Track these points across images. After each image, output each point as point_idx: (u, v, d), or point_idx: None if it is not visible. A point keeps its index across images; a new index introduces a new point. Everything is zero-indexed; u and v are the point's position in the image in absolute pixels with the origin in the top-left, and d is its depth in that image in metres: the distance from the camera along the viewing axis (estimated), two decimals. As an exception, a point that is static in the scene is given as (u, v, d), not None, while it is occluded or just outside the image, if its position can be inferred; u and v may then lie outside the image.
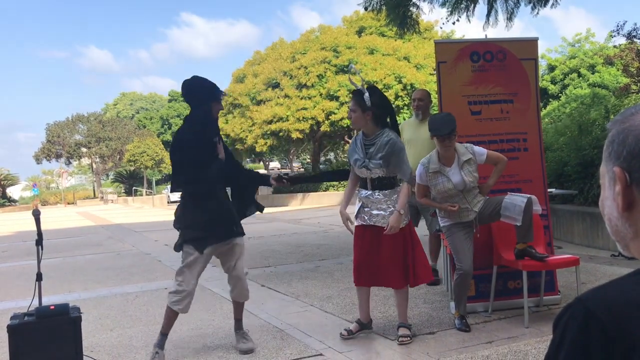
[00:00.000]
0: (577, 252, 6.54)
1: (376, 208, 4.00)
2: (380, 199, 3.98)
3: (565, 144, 9.09)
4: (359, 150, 4.03)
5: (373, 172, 3.96)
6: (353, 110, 4.00)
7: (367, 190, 4.03)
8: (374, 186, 4.00)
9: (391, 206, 3.96)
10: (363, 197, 4.06)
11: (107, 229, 16.21)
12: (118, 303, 5.80)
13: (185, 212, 3.95)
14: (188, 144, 3.85)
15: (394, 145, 3.91)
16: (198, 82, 3.95)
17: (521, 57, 4.95)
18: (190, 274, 3.90)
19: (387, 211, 3.97)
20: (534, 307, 4.65)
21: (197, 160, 3.83)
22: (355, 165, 4.04)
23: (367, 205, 4.04)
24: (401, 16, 9.91)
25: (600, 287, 0.84)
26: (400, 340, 3.92)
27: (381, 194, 3.98)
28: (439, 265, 5.76)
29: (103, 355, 4.06)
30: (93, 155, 49.53)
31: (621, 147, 0.86)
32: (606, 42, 21.99)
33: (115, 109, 63.09)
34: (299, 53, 24.73)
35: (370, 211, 4.02)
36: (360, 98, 3.96)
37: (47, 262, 6.43)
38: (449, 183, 4.20)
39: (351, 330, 4.14)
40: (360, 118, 3.97)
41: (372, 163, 3.93)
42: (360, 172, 4.04)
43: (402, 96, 21.81)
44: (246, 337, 4.09)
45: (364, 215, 4.05)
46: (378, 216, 3.99)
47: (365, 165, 3.96)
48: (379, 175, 3.97)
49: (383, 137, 3.95)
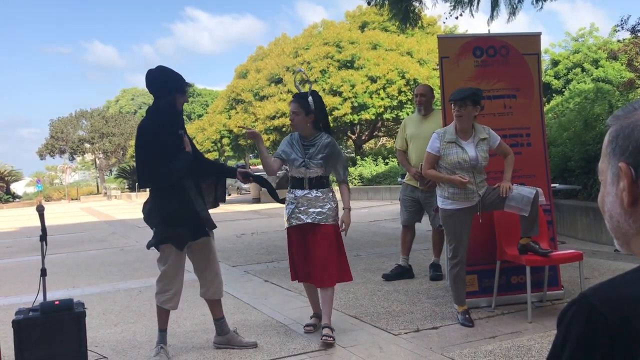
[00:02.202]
0: (581, 247, 6.53)
1: (313, 206, 4.08)
2: (319, 196, 4.10)
3: (568, 139, 9.07)
4: (296, 150, 4.14)
5: (312, 171, 4.10)
6: (296, 113, 4.11)
7: (302, 190, 4.12)
8: (312, 185, 4.12)
9: (327, 203, 4.10)
10: (299, 197, 4.12)
11: (110, 224, 16.25)
12: (122, 298, 5.81)
13: (155, 207, 3.81)
14: (152, 136, 3.71)
15: (333, 147, 4.16)
16: (163, 73, 3.83)
17: (524, 52, 4.93)
18: (175, 273, 3.82)
19: (325, 208, 4.08)
20: (537, 302, 4.65)
21: (163, 153, 3.69)
22: (293, 165, 4.14)
23: (303, 205, 4.10)
24: (404, 11, 9.88)
25: (604, 282, 0.84)
26: (322, 338, 3.89)
27: (319, 192, 4.11)
28: (442, 261, 5.76)
29: (107, 350, 4.08)
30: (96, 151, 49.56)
31: (627, 142, 0.85)
32: (610, 37, 21.86)
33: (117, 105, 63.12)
34: (302, 48, 24.68)
35: (307, 209, 4.08)
36: (304, 101, 4.10)
37: (51, 257, 6.46)
38: (464, 154, 4.16)
39: (314, 324, 4.24)
40: (303, 121, 4.10)
41: (312, 163, 4.09)
42: (297, 171, 4.14)
43: (405, 91, 21.75)
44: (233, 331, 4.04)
45: (299, 215, 4.10)
46: (314, 213, 4.07)
47: (305, 164, 4.09)
48: (317, 174, 4.11)
49: (323, 139, 4.14)
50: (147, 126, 3.78)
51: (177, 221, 3.75)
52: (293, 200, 4.14)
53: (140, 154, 3.77)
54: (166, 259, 3.81)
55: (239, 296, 5.57)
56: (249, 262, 7.54)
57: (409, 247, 6.02)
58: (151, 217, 3.86)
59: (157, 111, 3.81)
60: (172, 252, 3.79)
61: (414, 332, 4.11)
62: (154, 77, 3.81)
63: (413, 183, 5.81)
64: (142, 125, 3.83)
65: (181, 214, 3.76)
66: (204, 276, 3.98)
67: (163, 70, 3.85)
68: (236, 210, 19.04)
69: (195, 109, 52.48)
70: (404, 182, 6.04)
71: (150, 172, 3.75)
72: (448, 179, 4.18)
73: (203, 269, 3.97)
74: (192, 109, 52.13)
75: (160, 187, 3.81)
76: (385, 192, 18.92)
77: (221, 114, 26.38)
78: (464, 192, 4.18)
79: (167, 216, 3.76)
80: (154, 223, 3.85)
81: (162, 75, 3.82)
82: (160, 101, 3.79)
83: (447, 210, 4.26)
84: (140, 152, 3.77)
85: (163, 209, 3.78)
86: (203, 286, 4.00)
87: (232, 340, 3.98)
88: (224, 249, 8.55)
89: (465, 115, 4.15)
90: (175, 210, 3.76)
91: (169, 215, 3.76)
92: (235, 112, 25.46)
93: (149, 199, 3.90)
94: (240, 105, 25.47)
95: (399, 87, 21.87)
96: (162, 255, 3.85)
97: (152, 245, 3.87)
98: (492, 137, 4.29)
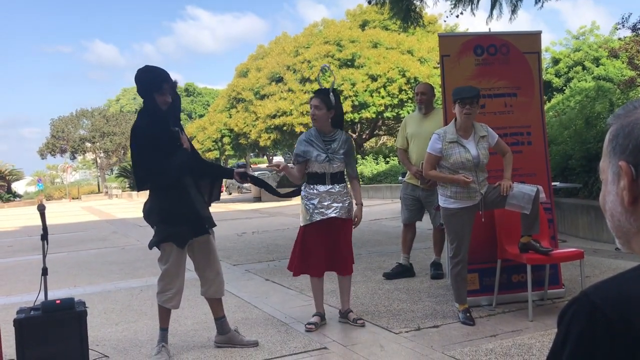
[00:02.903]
0: (582, 245, 6.53)
1: (335, 201, 4.20)
2: (340, 191, 4.23)
3: (569, 137, 9.06)
4: (317, 146, 4.21)
5: (335, 166, 4.20)
6: (319, 107, 4.17)
7: (325, 185, 4.21)
8: (334, 180, 4.22)
9: (347, 198, 4.27)
10: (322, 192, 4.20)
11: (111, 223, 16.25)
12: (123, 297, 5.82)
13: (155, 206, 3.81)
14: (143, 137, 3.72)
15: (351, 143, 4.34)
16: (141, 73, 3.79)
17: (525, 50, 4.93)
18: (176, 272, 3.82)
19: (346, 203, 4.24)
20: (538, 301, 4.65)
21: (157, 152, 3.70)
22: (316, 161, 4.19)
23: (325, 199, 4.19)
24: (405, 9, 9.88)
25: (605, 280, 0.84)
26: (357, 322, 4.27)
27: (339, 186, 4.24)
28: (443, 259, 5.75)
29: (108, 349, 4.08)
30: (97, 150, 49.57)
31: (627, 141, 0.85)
32: (611, 35, 21.84)
33: (118, 104, 63.14)
34: (303, 47, 24.66)
35: (330, 204, 4.18)
36: (326, 97, 4.19)
37: (52, 256, 6.46)
38: (467, 153, 4.15)
39: (316, 322, 4.27)
40: (325, 116, 4.19)
41: (336, 157, 4.19)
42: (320, 167, 4.20)
43: (406, 90, 21.72)
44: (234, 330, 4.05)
45: (322, 209, 4.18)
46: (338, 208, 4.19)
47: (330, 159, 4.17)
48: (339, 169, 4.24)
49: (342, 134, 4.30)
50: (137, 127, 3.80)
51: (177, 219, 3.75)
52: (315, 195, 4.20)
53: (134, 154, 3.79)
54: (167, 257, 3.81)
55: (240, 295, 5.57)
56: (250, 261, 7.54)
57: (409, 245, 6.02)
58: (151, 216, 3.85)
59: (145, 111, 3.83)
60: (173, 251, 3.79)
61: (415, 330, 4.11)
62: (136, 78, 3.81)
63: (414, 182, 5.81)
64: (133, 126, 3.84)
65: (181, 211, 3.76)
66: (205, 275, 3.97)
67: (142, 70, 3.81)
68: (237, 209, 19.05)
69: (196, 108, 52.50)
70: (404, 180, 6.04)
71: (144, 172, 3.76)
72: (452, 179, 4.15)
73: (204, 268, 3.96)
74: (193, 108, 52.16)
75: (160, 186, 3.80)
76: (386, 191, 18.91)
77: (222, 113, 26.36)
78: (466, 191, 4.17)
79: (167, 214, 3.76)
80: (154, 222, 3.85)
81: (140, 75, 3.79)
82: (145, 102, 3.81)
83: (450, 209, 4.24)
84: (134, 154, 3.79)
85: (163, 208, 3.78)
86: (204, 285, 4.00)
87: (233, 339, 3.98)
88: (225, 248, 8.55)
89: (473, 113, 4.15)
90: (175, 208, 3.75)
91: (169, 214, 3.76)
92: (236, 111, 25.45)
93: (149, 198, 3.90)
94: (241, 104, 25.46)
95: (400, 85, 21.86)
96: (163, 254, 3.85)
97: (154, 245, 3.86)
98: (491, 135, 4.30)
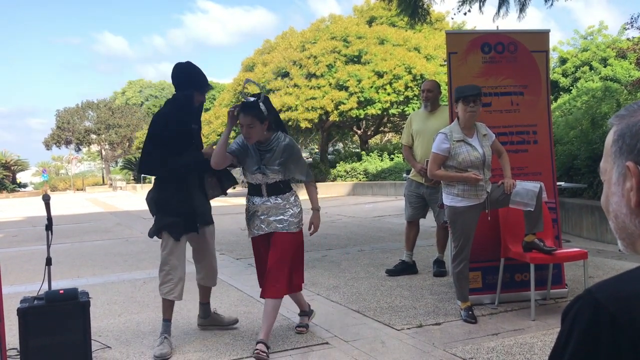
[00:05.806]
0: (586, 245, 6.52)
1: (273, 214, 3.80)
2: (279, 203, 3.81)
3: (575, 137, 9.03)
4: (252, 155, 3.81)
5: (269, 177, 3.79)
6: (251, 125, 3.67)
7: (261, 197, 3.82)
8: (270, 192, 3.80)
9: (289, 209, 3.81)
10: (258, 205, 3.83)
11: (115, 215, 16.30)
12: (126, 289, 5.84)
13: (156, 195, 3.96)
14: (161, 125, 3.85)
15: (292, 149, 3.82)
16: (189, 67, 3.98)
17: (532, 49, 4.91)
18: (175, 262, 3.91)
19: (286, 215, 3.80)
20: (541, 300, 4.65)
21: (168, 145, 3.82)
22: (248, 170, 3.83)
23: (263, 213, 3.82)
24: (412, 6, 9.85)
25: (609, 279, 0.84)
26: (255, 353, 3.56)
27: (279, 198, 3.81)
28: (446, 257, 5.75)
29: (111, 340, 4.10)
30: (102, 142, 49.73)
31: (634, 141, 0.84)
32: (619, 35, 21.71)
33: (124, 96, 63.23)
34: (309, 42, 24.61)
35: (267, 218, 3.81)
36: (257, 111, 3.67)
37: (56, 247, 6.49)
38: (475, 152, 4.14)
39: (307, 324, 4.20)
40: (259, 131, 3.72)
41: (268, 169, 3.77)
42: (253, 178, 3.82)
43: (412, 87, 21.66)
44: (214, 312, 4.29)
45: (259, 224, 3.84)
46: (275, 222, 3.80)
47: (262, 171, 3.78)
48: (275, 180, 3.81)
49: (280, 141, 3.80)
50: (160, 114, 3.99)
51: (171, 211, 3.88)
52: (251, 209, 3.88)
53: (150, 142, 3.91)
54: (166, 245, 3.93)
55: (243, 289, 5.59)
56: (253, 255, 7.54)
57: (413, 242, 6.02)
58: (152, 205, 4.00)
59: (173, 102, 3.99)
60: (170, 240, 3.91)
61: (417, 327, 4.11)
62: (180, 69, 3.96)
63: (418, 179, 5.80)
64: (157, 113, 4.04)
65: (176, 204, 3.88)
66: (201, 265, 4.18)
67: (190, 65, 4.00)
68: (241, 203, 19.06)
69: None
70: (409, 177, 6.04)
71: (155, 161, 3.88)
72: (461, 177, 4.11)
73: (201, 259, 4.16)
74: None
75: (161, 177, 3.95)
76: (390, 188, 18.89)
77: (227, 107, 26.31)
78: (474, 189, 4.16)
79: (164, 204, 3.91)
80: (153, 211, 3.99)
81: (188, 69, 3.96)
82: (179, 93, 3.93)
83: (457, 208, 4.20)
84: (151, 141, 3.90)
85: (161, 197, 3.94)
86: (199, 273, 4.22)
87: (214, 320, 4.27)
88: (228, 242, 8.56)
89: (477, 111, 4.14)
90: (172, 200, 3.89)
91: (166, 204, 3.90)
92: (242, 105, 25.42)
93: (152, 186, 4.06)
94: (247, 99, 25.42)
95: (406, 82, 21.79)
96: (162, 242, 3.98)
97: (153, 234, 3.98)
98: (490, 134, 4.30)
